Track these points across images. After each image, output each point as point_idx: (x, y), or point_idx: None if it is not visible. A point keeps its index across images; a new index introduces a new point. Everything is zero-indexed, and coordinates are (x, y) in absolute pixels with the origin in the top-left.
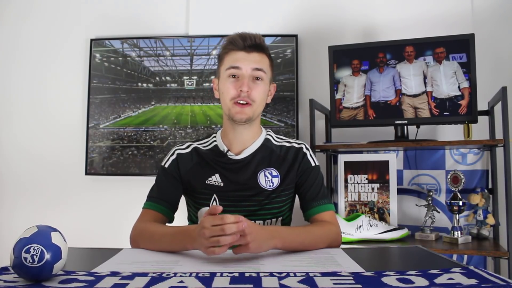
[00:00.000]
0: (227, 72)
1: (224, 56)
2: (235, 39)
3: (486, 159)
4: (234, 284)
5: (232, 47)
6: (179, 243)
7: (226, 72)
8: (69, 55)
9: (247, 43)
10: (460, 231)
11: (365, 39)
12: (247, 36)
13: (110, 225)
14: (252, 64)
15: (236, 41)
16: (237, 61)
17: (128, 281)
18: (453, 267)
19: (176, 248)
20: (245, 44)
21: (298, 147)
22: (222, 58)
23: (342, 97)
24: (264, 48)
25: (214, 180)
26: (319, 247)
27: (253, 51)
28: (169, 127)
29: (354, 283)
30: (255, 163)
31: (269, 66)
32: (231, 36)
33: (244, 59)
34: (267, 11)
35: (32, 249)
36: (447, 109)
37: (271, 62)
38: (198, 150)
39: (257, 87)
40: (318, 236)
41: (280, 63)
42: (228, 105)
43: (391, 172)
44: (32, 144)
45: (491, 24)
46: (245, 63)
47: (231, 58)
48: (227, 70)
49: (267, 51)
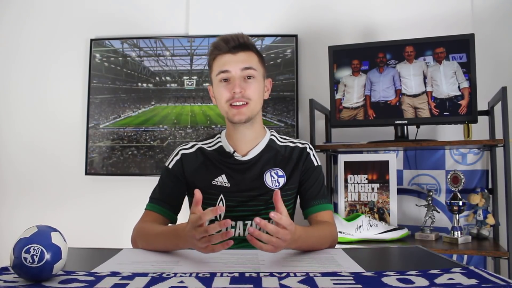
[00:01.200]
0: (217, 78)
1: (212, 63)
2: (218, 43)
3: (486, 159)
4: (234, 284)
5: (217, 52)
6: (172, 243)
7: (217, 77)
8: (69, 55)
9: (231, 45)
10: (460, 231)
11: (365, 39)
12: (229, 38)
13: (110, 225)
14: (240, 65)
15: (219, 45)
16: (224, 65)
17: (128, 281)
18: (453, 267)
19: (171, 248)
20: (229, 46)
21: (302, 147)
22: (211, 65)
23: (342, 97)
24: (250, 45)
25: (220, 180)
26: (323, 248)
27: (239, 51)
28: (169, 127)
29: (354, 283)
30: (261, 163)
31: (258, 63)
32: (214, 41)
33: (231, 61)
34: (267, 11)
35: (32, 249)
36: (447, 109)
37: (260, 57)
38: (203, 150)
39: (250, 86)
40: (325, 238)
41: (280, 63)
42: (225, 108)
43: (391, 172)
44: (32, 144)
45: (491, 24)
46: (233, 64)
47: (219, 63)
48: (217, 75)
49: (253, 48)
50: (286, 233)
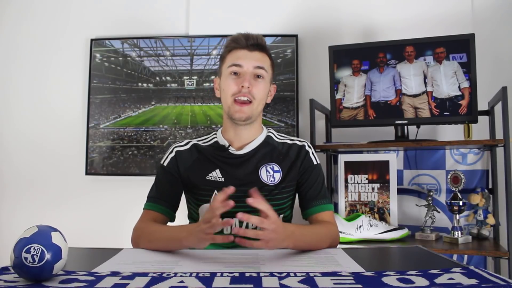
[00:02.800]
0: (228, 70)
1: (226, 55)
2: (238, 37)
3: (486, 159)
4: (234, 284)
5: (234, 45)
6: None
7: (228, 69)
8: (69, 55)
9: (250, 42)
10: (460, 231)
11: (365, 39)
12: (250, 35)
13: (110, 225)
14: (254, 62)
15: (239, 39)
16: (239, 59)
17: (128, 281)
18: (453, 267)
19: (172, 246)
20: (247, 42)
21: (300, 144)
22: (224, 56)
23: (342, 97)
24: (266, 48)
25: (214, 175)
26: (322, 247)
27: (255, 50)
28: (169, 127)
29: (354, 283)
30: (257, 158)
31: (270, 66)
32: (234, 35)
33: (246, 57)
34: (267, 11)
35: (32, 249)
36: (447, 109)
37: (272, 63)
38: (197, 146)
39: (258, 84)
40: (323, 237)
41: (280, 63)
42: (228, 102)
43: (391, 172)
44: (32, 144)
45: (491, 24)
46: (247, 60)
47: (234, 56)
48: (229, 67)
49: (268, 51)
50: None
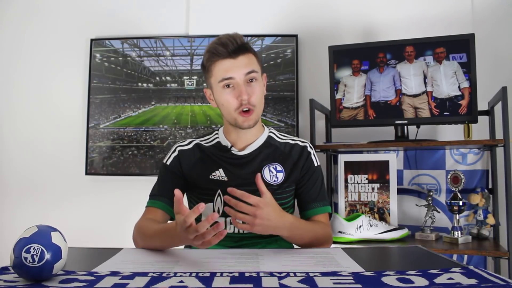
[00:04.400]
0: (220, 84)
1: (211, 68)
2: (216, 48)
3: (486, 159)
4: (234, 284)
5: (217, 58)
6: (168, 241)
7: (220, 84)
8: (69, 55)
9: (230, 49)
10: (460, 231)
11: (365, 39)
12: (226, 41)
13: (110, 225)
14: (243, 69)
15: (218, 50)
16: (227, 72)
17: (128, 280)
18: (453, 267)
19: (167, 246)
20: (228, 50)
21: (302, 145)
22: (209, 69)
23: (342, 97)
24: (247, 46)
25: (218, 175)
26: (315, 246)
27: (239, 55)
28: (169, 127)
29: (354, 283)
30: (260, 158)
31: (257, 63)
32: (210, 46)
33: (233, 67)
34: (267, 11)
35: (32, 249)
36: (447, 109)
37: (257, 56)
38: (200, 146)
39: (254, 89)
40: (318, 236)
41: (280, 63)
42: (233, 115)
43: (391, 172)
44: (32, 144)
45: (491, 24)
46: (236, 70)
47: (220, 69)
48: (220, 82)
49: (250, 48)
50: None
